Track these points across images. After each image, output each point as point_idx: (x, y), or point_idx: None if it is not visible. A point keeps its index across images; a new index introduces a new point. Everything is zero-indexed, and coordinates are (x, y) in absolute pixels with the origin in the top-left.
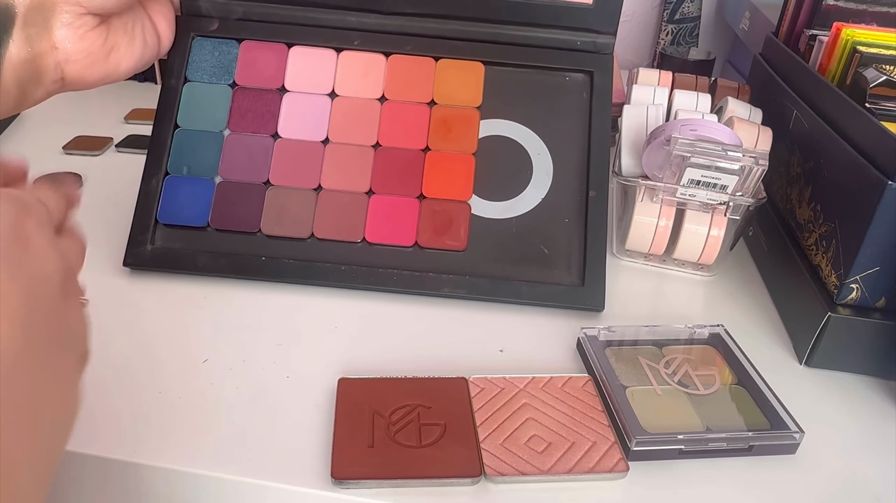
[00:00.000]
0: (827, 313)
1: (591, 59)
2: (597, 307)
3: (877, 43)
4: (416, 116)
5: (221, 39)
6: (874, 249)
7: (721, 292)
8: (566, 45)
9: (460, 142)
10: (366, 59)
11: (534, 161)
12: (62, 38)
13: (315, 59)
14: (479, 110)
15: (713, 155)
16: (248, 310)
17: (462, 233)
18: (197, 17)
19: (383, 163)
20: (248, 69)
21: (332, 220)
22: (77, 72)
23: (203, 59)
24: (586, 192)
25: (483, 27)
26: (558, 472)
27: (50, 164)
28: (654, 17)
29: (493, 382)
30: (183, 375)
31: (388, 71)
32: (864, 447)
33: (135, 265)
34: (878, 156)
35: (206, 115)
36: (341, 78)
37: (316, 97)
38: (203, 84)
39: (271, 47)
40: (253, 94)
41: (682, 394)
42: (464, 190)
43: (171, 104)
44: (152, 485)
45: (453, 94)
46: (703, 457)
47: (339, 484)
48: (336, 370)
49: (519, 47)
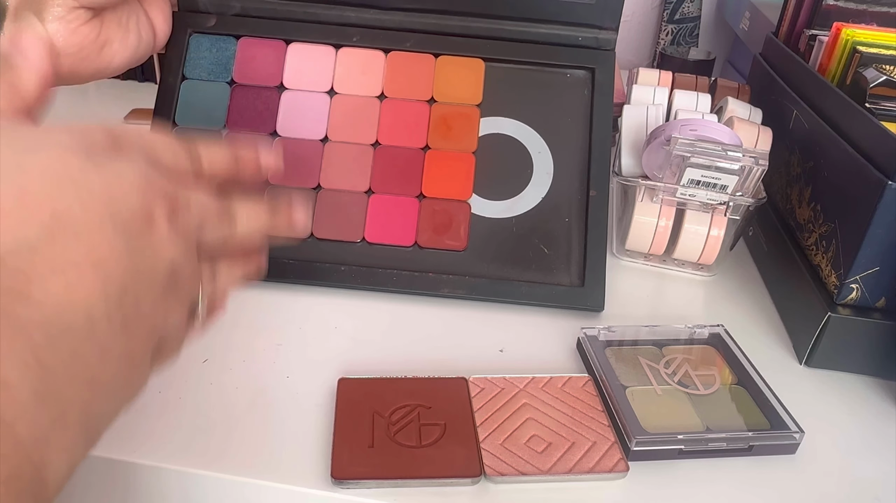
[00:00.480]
0: (827, 313)
1: (592, 56)
2: (597, 307)
3: (877, 43)
4: (416, 114)
5: (219, 36)
6: (874, 249)
7: (721, 292)
8: (568, 41)
9: (460, 140)
10: (365, 55)
11: (534, 160)
12: (53, 31)
13: (314, 56)
14: (479, 108)
15: (713, 155)
16: (247, 310)
17: (462, 232)
18: (194, 13)
19: (383, 161)
20: (246, 66)
21: (331, 219)
22: (69, 66)
23: (201, 57)
24: (587, 191)
25: (483, 22)
26: (558, 472)
27: None
28: (654, 17)
29: (493, 382)
30: (183, 375)
31: (388, 68)
32: (864, 447)
33: None
34: (878, 156)
35: (205, 114)
36: (340, 75)
37: (315, 95)
38: (201, 82)
39: (269, 44)
40: (251, 92)
41: (682, 394)
42: (464, 189)
43: (168, 102)
44: (152, 485)
45: (453, 91)
46: (703, 457)
47: (339, 484)
48: (336, 370)
49: (520, 43)
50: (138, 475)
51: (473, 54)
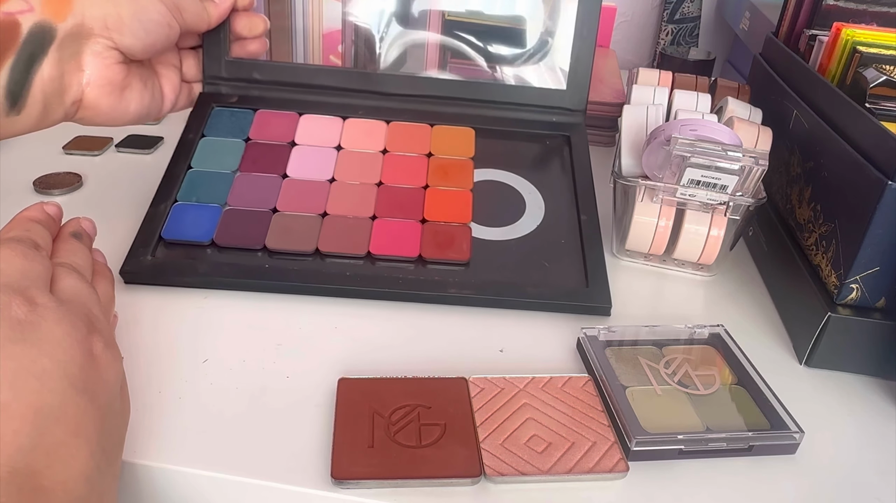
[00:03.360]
0: (827, 313)
1: (566, 127)
2: (604, 311)
3: (877, 43)
4: (416, 164)
5: (239, 109)
6: (874, 249)
7: (721, 292)
8: (545, 120)
9: (457, 182)
10: (369, 124)
11: (526, 199)
12: (89, 62)
13: (323, 124)
14: (472, 160)
15: (713, 155)
16: (248, 311)
17: (465, 247)
18: (217, 94)
19: (386, 196)
20: (261, 129)
21: (336, 237)
22: (94, 97)
23: (221, 123)
24: (578, 217)
25: (472, 107)
26: (558, 472)
27: (50, 164)
28: (654, 17)
29: (493, 382)
30: (183, 375)
31: (389, 133)
32: (864, 447)
33: (132, 274)
34: (878, 156)
35: (219, 161)
36: (346, 137)
37: (323, 149)
38: (218, 138)
39: (284, 115)
40: (264, 147)
41: (682, 394)
42: (463, 215)
43: (186, 152)
44: (152, 485)
45: (449, 149)
46: (703, 457)
47: (339, 484)
48: (336, 370)
49: (505, 121)
50: (138, 475)
51: (465, 125)
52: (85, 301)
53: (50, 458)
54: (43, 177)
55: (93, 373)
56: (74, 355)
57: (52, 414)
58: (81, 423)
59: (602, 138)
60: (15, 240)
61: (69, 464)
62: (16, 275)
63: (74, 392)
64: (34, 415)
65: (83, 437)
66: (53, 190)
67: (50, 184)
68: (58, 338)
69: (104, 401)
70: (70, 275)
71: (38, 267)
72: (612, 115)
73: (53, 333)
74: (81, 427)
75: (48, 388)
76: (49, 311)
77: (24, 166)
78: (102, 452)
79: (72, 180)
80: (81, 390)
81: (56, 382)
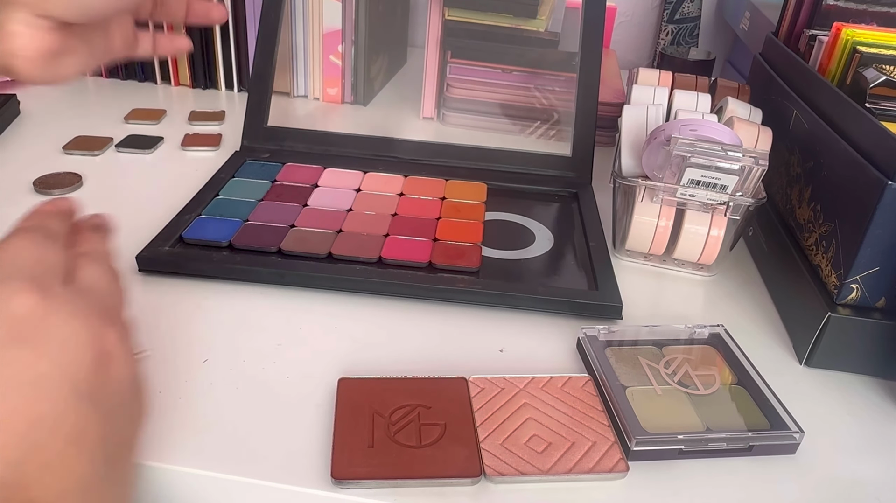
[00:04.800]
0: (827, 313)
1: (574, 185)
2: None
3: (877, 43)
4: (430, 203)
5: (269, 162)
6: (874, 249)
7: (721, 292)
8: (553, 180)
9: (469, 217)
10: (387, 177)
11: (536, 233)
12: (14, 32)
13: (345, 176)
14: (484, 204)
15: (713, 155)
16: (248, 311)
17: (475, 258)
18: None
19: (400, 222)
20: (288, 175)
21: (349, 245)
22: (22, 67)
23: (251, 170)
24: (586, 243)
25: (485, 168)
26: (558, 472)
27: (50, 164)
28: (654, 17)
29: (493, 382)
30: (183, 375)
31: (406, 182)
32: (864, 447)
33: (148, 260)
34: (878, 156)
35: (245, 193)
36: (366, 183)
37: (343, 190)
38: (247, 179)
39: (310, 167)
40: (289, 187)
41: (682, 394)
42: (474, 238)
43: (215, 186)
44: (152, 485)
45: (462, 195)
46: (703, 457)
47: (339, 484)
48: (336, 370)
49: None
50: (138, 475)
51: (478, 181)
52: (105, 291)
53: (43, 471)
54: (43, 177)
55: (101, 373)
56: (81, 356)
57: (48, 424)
58: (82, 430)
59: (602, 138)
60: (30, 228)
61: (64, 475)
62: (28, 264)
63: (76, 397)
64: (27, 428)
65: (83, 445)
66: (53, 190)
67: (50, 184)
68: (64, 337)
69: (112, 402)
70: (91, 264)
71: (52, 256)
72: (612, 115)
73: (61, 331)
74: (82, 434)
75: (45, 396)
76: (62, 304)
77: (24, 166)
78: (105, 458)
79: (72, 180)
80: (85, 394)
81: (55, 388)
